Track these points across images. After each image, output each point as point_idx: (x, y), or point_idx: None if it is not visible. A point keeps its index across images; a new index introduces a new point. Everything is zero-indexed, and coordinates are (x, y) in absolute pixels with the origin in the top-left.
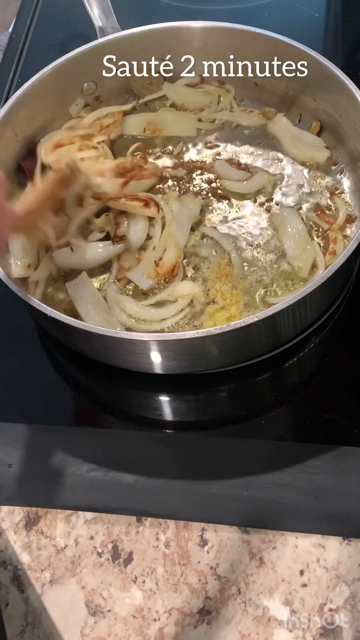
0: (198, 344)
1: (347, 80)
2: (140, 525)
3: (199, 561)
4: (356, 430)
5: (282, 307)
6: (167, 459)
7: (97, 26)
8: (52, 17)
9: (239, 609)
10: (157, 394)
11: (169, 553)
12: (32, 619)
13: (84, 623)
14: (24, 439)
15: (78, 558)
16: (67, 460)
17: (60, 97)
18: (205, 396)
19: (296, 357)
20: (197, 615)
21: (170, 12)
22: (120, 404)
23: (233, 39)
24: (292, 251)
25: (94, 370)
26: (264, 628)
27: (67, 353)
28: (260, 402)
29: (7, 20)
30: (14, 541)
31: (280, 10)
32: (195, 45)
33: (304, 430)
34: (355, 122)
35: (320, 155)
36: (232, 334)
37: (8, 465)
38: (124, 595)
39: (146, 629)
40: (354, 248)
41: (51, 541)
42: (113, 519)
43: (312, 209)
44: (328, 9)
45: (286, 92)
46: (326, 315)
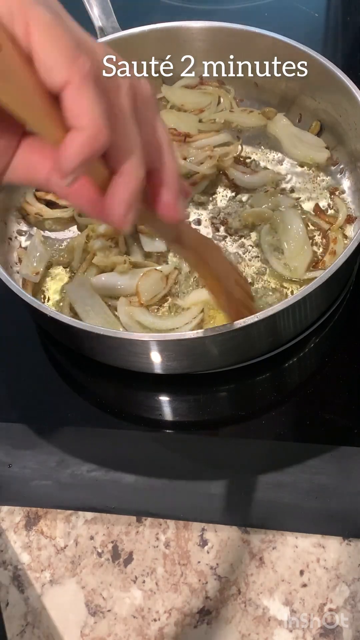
0: (198, 344)
1: (347, 80)
2: (140, 525)
3: (199, 561)
4: (356, 430)
5: (282, 307)
6: (167, 459)
7: (97, 26)
8: None
9: (239, 609)
10: (157, 394)
11: (169, 553)
12: (32, 619)
13: (84, 623)
14: (24, 439)
15: (78, 558)
16: (67, 460)
17: None
18: (205, 396)
19: (296, 357)
20: (197, 615)
21: (170, 12)
22: (120, 404)
23: (233, 39)
24: (289, 252)
25: (94, 370)
26: (264, 628)
27: (67, 353)
28: (260, 402)
29: None
30: (14, 541)
31: (280, 10)
32: (195, 45)
33: (304, 430)
34: (355, 122)
35: (320, 156)
36: (232, 334)
37: (8, 465)
38: (124, 595)
39: (146, 629)
40: (354, 248)
41: (51, 541)
42: (113, 519)
43: (312, 209)
44: (328, 9)
45: (286, 92)
46: (326, 315)
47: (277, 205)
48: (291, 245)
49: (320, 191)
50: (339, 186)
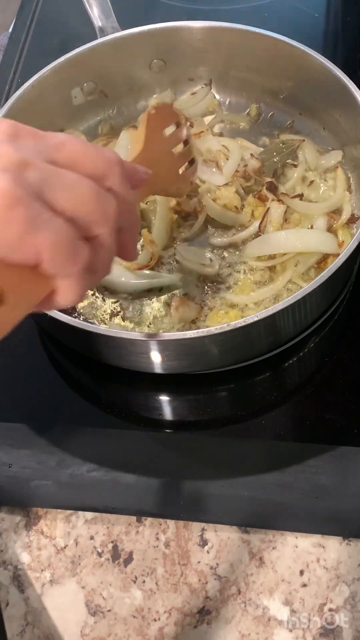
0: (198, 344)
1: (347, 80)
2: (140, 525)
3: (199, 561)
4: (356, 430)
5: (282, 306)
6: (167, 459)
7: (97, 26)
8: (52, 17)
9: (239, 609)
10: (157, 394)
11: (169, 553)
12: (32, 619)
13: (84, 623)
14: (24, 439)
15: (78, 558)
16: (67, 460)
17: (60, 97)
18: (205, 396)
19: (296, 357)
20: (197, 615)
21: (170, 12)
22: (120, 404)
23: (233, 39)
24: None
25: (94, 370)
26: (264, 628)
27: (67, 353)
28: (260, 402)
29: (7, 20)
30: (14, 541)
31: (280, 10)
32: (195, 45)
33: (304, 430)
34: (355, 123)
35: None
36: (232, 334)
37: (8, 465)
38: (124, 595)
39: (146, 629)
40: (354, 248)
41: (51, 541)
42: (113, 519)
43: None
44: (328, 9)
45: (286, 92)
46: (326, 315)
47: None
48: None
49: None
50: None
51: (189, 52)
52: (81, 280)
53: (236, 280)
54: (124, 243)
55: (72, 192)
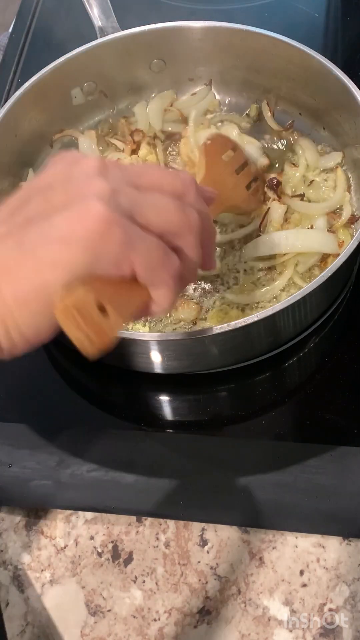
0: (198, 344)
1: (347, 80)
2: (140, 525)
3: (199, 561)
4: (356, 430)
5: (282, 307)
6: (167, 459)
7: (97, 26)
8: (52, 17)
9: (239, 609)
10: (157, 394)
11: (169, 553)
12: (32, 619)
13: (84, 623)
14: (24, 439)
15: (78, 558)
16: (67, 460)
17: (60, 97)
18: (205, 396)
19: (296, 357)
20: (197, 615)
21: (170, 12)
22: (120, 404)
23: (233, 39)
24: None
25: (94, 370)
26: (264, 628)
27: (67, 353)
28: (260, 402)
29: (7, 20)
30: (14, 541)
31: (280, 10)
32: (195, 45)
33: (304, 430)
34: (355, 123)
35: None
36: (232, 334)
37: (8, 465)
38: (124, 595)
39: (146, 629)
40: (354, 248)
41: (51, 541)
42: (113, 519)
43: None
44: (328, 9)
45: (286, 92)
46: (326, 315)
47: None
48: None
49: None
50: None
51: (189, 52)
52: (173, 288)
53: (236, 280)
54: (205, 253)
55: (159, 209)
